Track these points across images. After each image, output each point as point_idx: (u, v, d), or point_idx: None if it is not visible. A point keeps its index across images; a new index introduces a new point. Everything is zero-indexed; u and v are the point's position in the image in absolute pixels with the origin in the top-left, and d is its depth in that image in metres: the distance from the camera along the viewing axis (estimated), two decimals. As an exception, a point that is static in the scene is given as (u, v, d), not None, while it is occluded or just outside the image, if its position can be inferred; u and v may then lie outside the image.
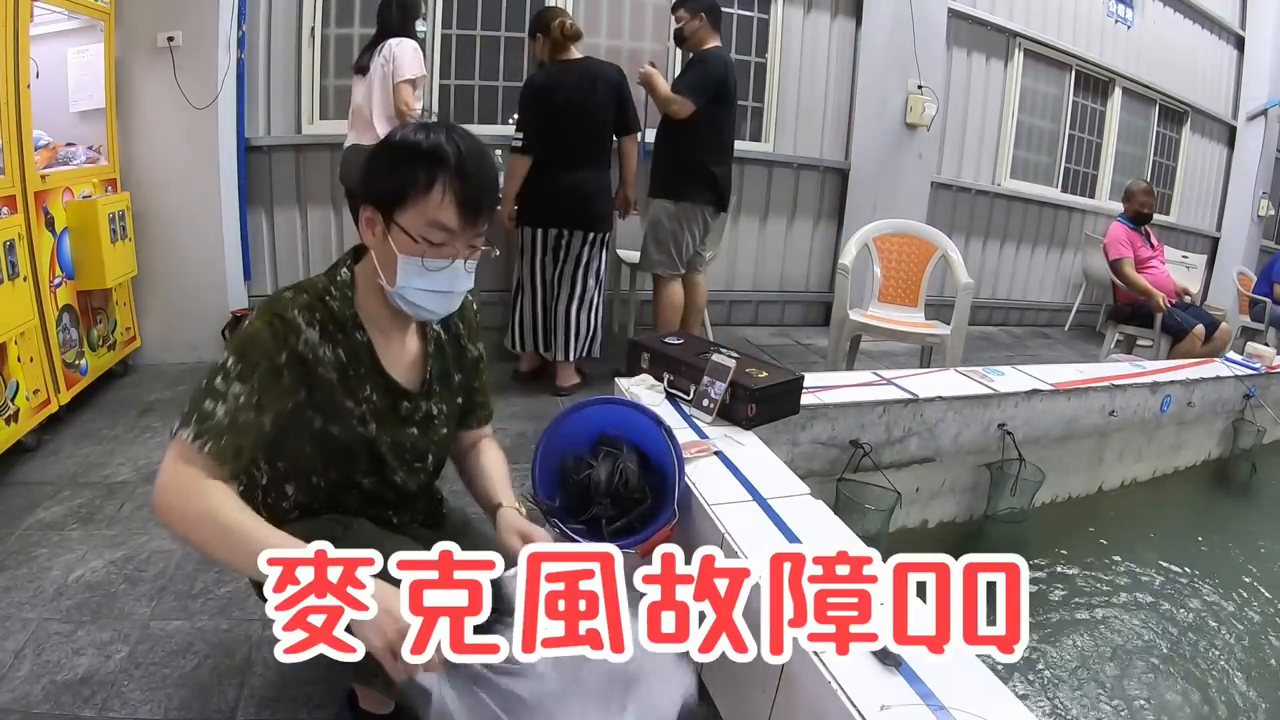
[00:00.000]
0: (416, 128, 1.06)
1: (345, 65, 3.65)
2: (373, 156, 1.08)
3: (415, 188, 1.02)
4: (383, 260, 1.07)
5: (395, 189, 1.03)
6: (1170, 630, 2.08)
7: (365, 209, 1.07)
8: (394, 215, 1.04)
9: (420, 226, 1.03)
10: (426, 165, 1.02)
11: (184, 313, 3.14)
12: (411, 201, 1.02)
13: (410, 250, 1.04)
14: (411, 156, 1.03)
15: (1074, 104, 5.42)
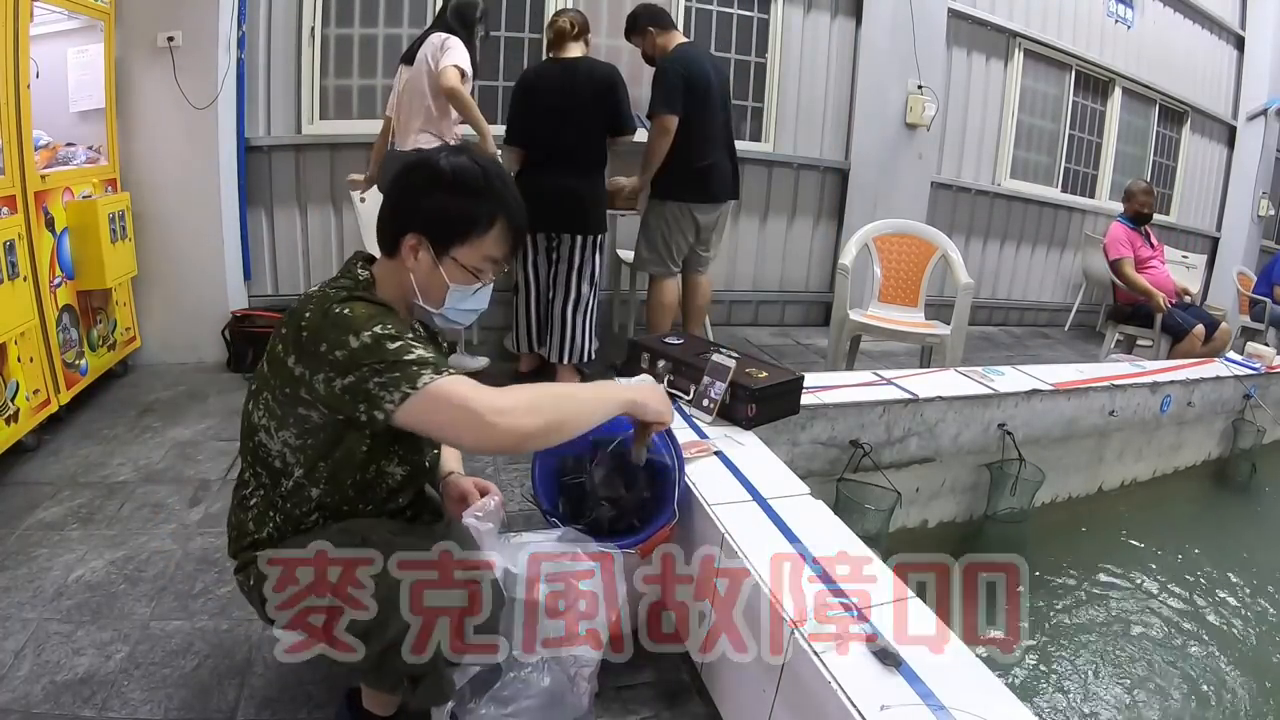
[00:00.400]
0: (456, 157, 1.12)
1: (345, 65, 3.66)
2: (421, 186, 1.12)
3: (477, 228, 1.10)
4: (427, 286, 1.13)
5: (456, 227, 1.10)
6: (1170, 630, 2.08)
7: (412, 237, 1.11)
8: (450, 250, 1.11)
9: (477, 260, 1.13)
10: (488, 207, 1.11)
11: (184, 313, 3.13)
12: (473, 239, 1.11)
13: (463, 280, 1.13)
14: (470, 196, 1.10)
15: (1074, 104, 5.42)
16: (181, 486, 2.15)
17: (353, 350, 0.99)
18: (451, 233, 1.11)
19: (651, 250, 3.16)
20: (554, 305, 3.03)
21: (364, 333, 1.00)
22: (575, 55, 2.92)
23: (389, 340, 1.00)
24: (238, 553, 1.18)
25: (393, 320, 1.05)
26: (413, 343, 1.02)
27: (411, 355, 1.00)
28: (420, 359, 1.00)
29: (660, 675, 1.50)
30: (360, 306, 1.04)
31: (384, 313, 1.06)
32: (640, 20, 3.11)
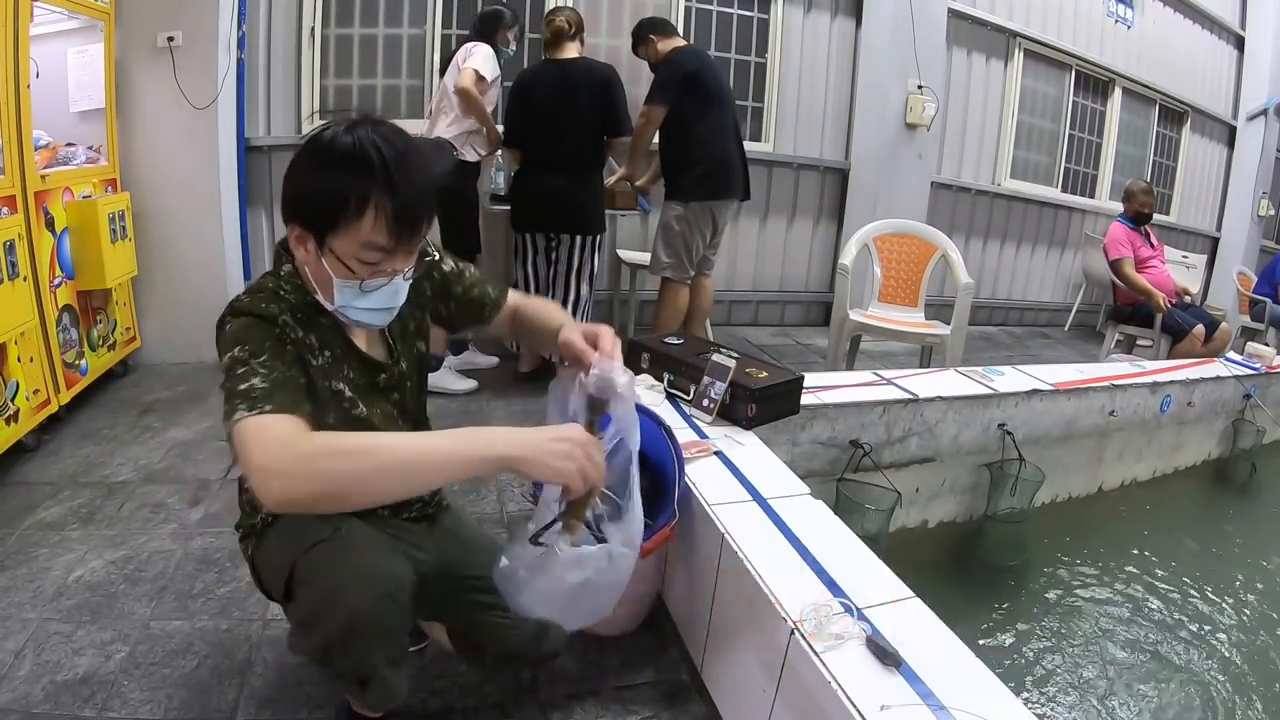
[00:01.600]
0: (338, 130, 0.97)
1: (345, 65, 3.66)
2: (294, 168, 0.99)
3: (345, 212, 0.94)
4: (318, 279, 1.01)
5: (323, 212, 0.96)
6: (1170, 630, 2.08)
7: (293, 227, 0.99)
8: (326, 240, 0.97)
9: (354, 250, 0.97)
10: (354, 182, 0.94)
11: (184, 313, 3.13)
12: (343, 226, 0.95)
13: (346, 275, 0.99)
14: (334, 170, 0.94)
15: (1074, 104, 5.42)
16: (181, 486, 2.15)
17: (223, 368, 0.97)
18: (322, 219, 0.96)
19: (672, 254, 3.16)
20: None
21: (226, 354, 0.97)
22: (572, 56, 2.92)
23: (238, 365, 0.94)
24: (240, 523, 1.19)
25: (254, 336, 0.97)
26: (258, 366, 0.93)
27: (242, 385, 0.91)
28: (246, 391, 0.90)
29: (660, 675, 1.50)
30: (238, 322, 0.99)
31: (249, 328, 0.98)
32: (643, 28, 3.17)
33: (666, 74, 3.01)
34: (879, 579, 1.27)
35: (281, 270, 1.07)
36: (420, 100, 3.76)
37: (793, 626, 1.12)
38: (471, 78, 2.83)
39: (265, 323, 0.99)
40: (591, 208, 3.01)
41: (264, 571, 1.16)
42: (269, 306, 1.01)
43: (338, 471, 0.85)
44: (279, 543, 1.10)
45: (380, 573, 1.01)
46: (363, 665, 1.03)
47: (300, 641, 1.05)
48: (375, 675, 1.05)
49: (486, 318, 1.29)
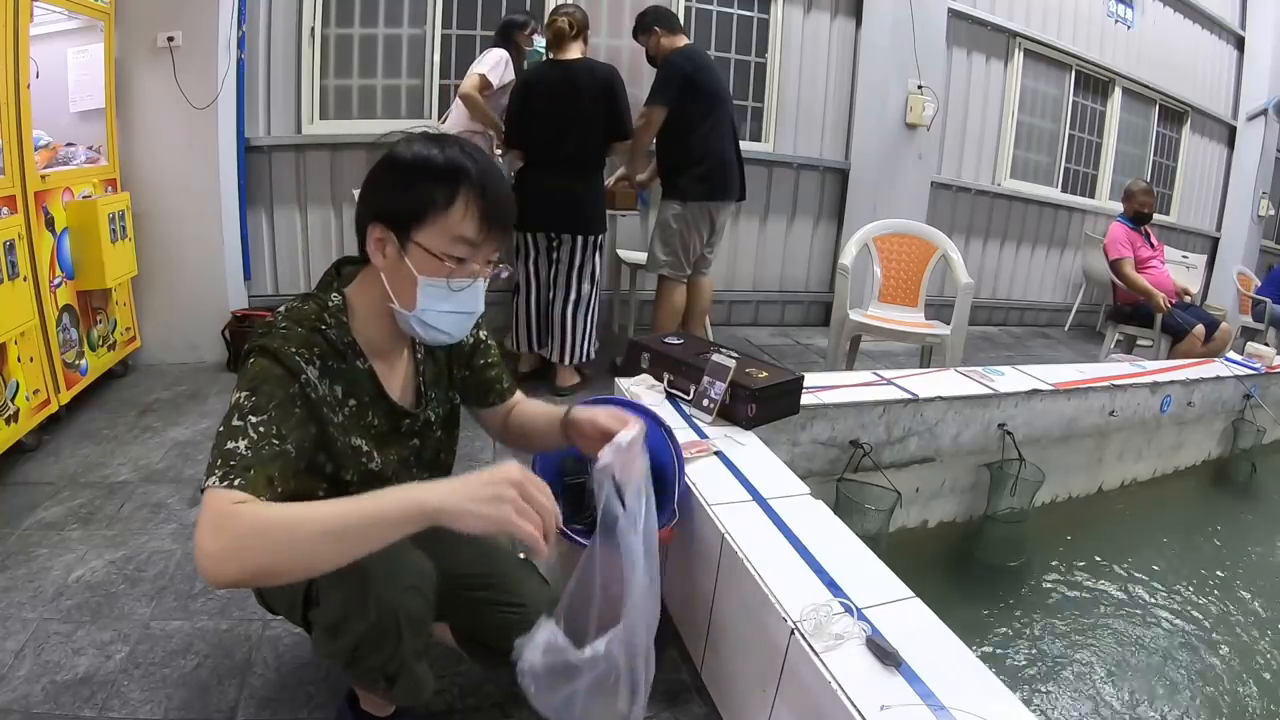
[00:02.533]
0: (427, 141, 1.00)
1: (345, 65, 3.66)
2: (380, 173, 1.01)
3: (436, 203, 0.97)
4: (397, 283, 1.01)
5: (414, 205, 0.97)
6: (1170, 630, 2.08)
7: (375, 228, 1.00)
8: (412, 234, 0.98)
9: (444, 243, 0.98)
10: (447, 180, 0.97)
11: (184, 313, 3.14)
12: (432, 218, 0.97)
13: (432, 270, 0.99)
14: (429, 171, 0.97)
15: (1074, 104, 5.42)
16: (181, 486, 2.15)
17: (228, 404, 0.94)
18: (410, 213, 0.97)
19: (669, 253, 3.17)
20: (554, 305, 3.04)
21: (237, 393, 0.94)
22: (574, 56, 2.92)
23: (234, 414, 0.92)
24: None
25: (267, 388, 0.94)
26: (251, 429, 0.91)
27: (229, 444, 0.89)
28: (230, 452, 0.88)
29: (660, 675, 1.49)
30: (261, 361, 0.96)
31: (268, 377, 0.95)
32: (648, 19, 3.17)
33: (667, 75, 3.01)
34: (879, 579, 1.27)
35: (330, 301, 1.05)
36: (420, 100, 3.76)
37: (793, 626, 1.12)
38: (474, 83, 2.92)
39: (287, 376, 0.97)
40: (593, 208, 3.01)
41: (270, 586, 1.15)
42: (296, 354, 0.98)
43: (262, 550, 0.83)
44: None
45: (403, 567, 1.02)
46: (391, 661, 1.04)
47: (328, 645, 1.04)
48: (404, 669, 1.06)
49: (491, 402, 1.31)
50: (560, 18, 2.91)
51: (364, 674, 1.08)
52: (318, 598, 1.05)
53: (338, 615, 1.01)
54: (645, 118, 3.02)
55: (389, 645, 1.02)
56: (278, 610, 1.21)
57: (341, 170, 3.62)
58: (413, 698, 1.12)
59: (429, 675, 1.12)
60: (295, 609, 1.10)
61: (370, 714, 1.25)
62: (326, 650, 1.06)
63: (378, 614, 0.99)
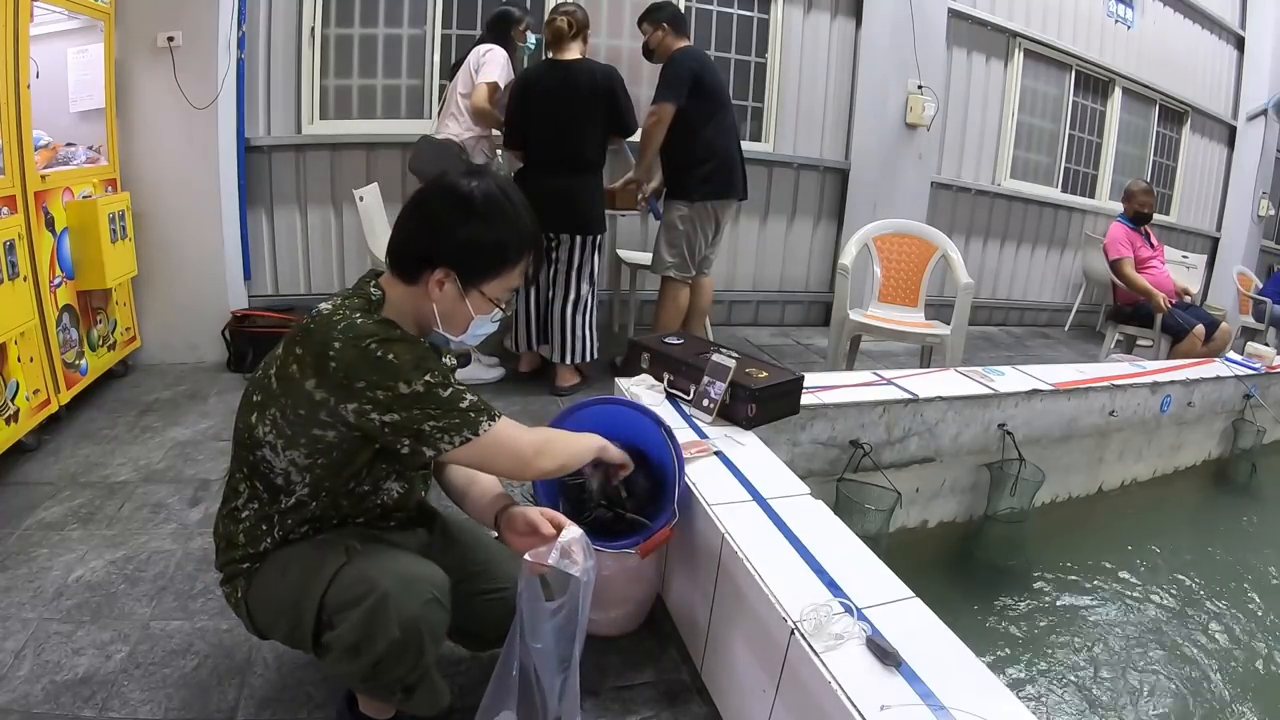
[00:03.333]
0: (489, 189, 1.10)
1: (345, 65, 3.66)
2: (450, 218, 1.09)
3: (507, 263, 1.13)
4: (450, 315, 1.13)
5: (489, 263, 1.11)
6: (1170, 630, 2.08)
7: (440, 271, 1.09)
8: (478, 283, 1.11)
9: (501, 293, 1.15)
10: (517, 242, 1.12)
11: (184, 313, 3.13)
12: (501, 274, 1.13)
13: (487, 310, 1.15)
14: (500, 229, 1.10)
15: (1074, 104, 5.42)
16: (181, 486, 2.15)
17: (402, 395, 1.03)
18: (481, 268, 1.11)
19: (676, 254, 3.16)
20: (553, 305, 3.04)
21: (415, 381, 1.03)
22: (574, 57, 2.91)
23: (440, 388, 1.05)
24: (225, 565, 1.19)
25: (435, 364, 1.07)
26: (460, 389, 1.08)
27: (465, 403, 1.07)
28: (475, 406, 1.08)
29: (660, 675, 1.50)
30: (402, 350, 1.04)
31: (426, 356, 1.07)
32: (664, 13, 3.12)
33: (676, 72, 2.99)
34: (879, 579, 1.27)
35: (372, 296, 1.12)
36: (420, 100, 3.76)
37: (793, 626, 1.12)
38: (486, 95, 2.90)
39: (425, 349, 1.10)
40: (592, 208, 3.01)
41: (264, 611, 1.16)
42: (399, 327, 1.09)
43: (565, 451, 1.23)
44: (282, 579, 1.11)
45: (421, 579, 1.04)
46: (413, 673, 1.05)
47: (347, 664, 1.05)
48: (424, 680, 1.07)
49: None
50: (559, 17, 2.90)
51: (382, 688, 1.08)
52: (332, 620, 1.05)
53: (360, 634, 1.02)
54: (655, 115, 2.99)
55: (411, 658, 1.03)
56: (272, 637, 1.19)
57: (341, 170, 3.62)
58: (431, 708, 1.13)
59: (445, 685, 1.14)
60: (301, 632, 1.09)
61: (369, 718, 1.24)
62: (345, 669, 1.06)
63: (401, 629, 1.00)
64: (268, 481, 1.12)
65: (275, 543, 1.14)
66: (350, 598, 1.02)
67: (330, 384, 1.02)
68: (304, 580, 1.07)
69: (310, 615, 1.06)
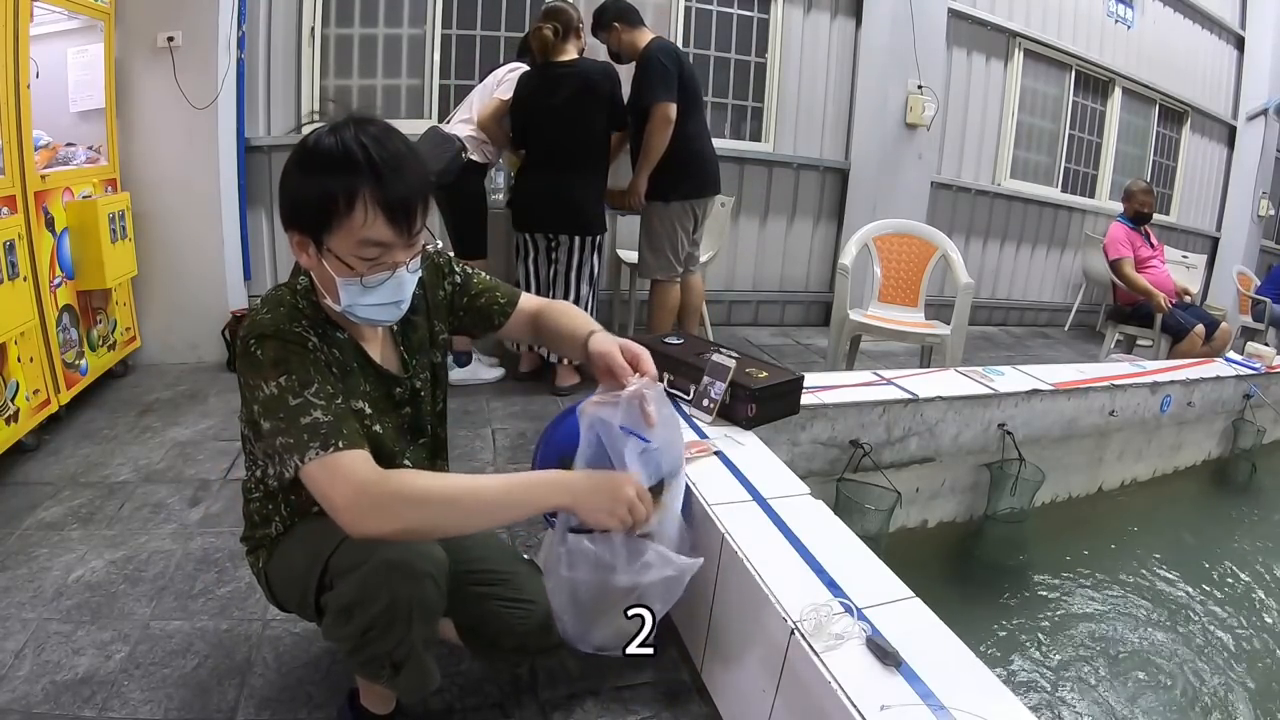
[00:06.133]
0: (322, 132, 0.97)
1: (345, 65, 3.66)
2: (285, 175, 1.00)
3: (336, 210, 0.95)
4: (323, 282, 1.03)
5: (315, 214, 0.97)
6: (1171, 630, 2.08)
7: (293, 233, 1.00)
8: (321, 240, 0.98)
9: (351, 247, 0.97)
10: (341, 181, 0.94)
11: (184, 313, 3.14)
12: (336, 225, 0.96)
13: (347, 273, 0.99)
14: (322, 171, 0.95)
15: (1074, 104, 5.42)
16: (181, 486, 2.15)
17: (263, 400, 0.97)
18: (315, 220, 0.97)
19: (658, 255, 3.14)
20: (553, 306, 3.04)
21: (270, 383, 0.96)
22: (570, 57, 2.91)
23: (290, 395, 0.95)
24: (245, 539, 1.23)
25: (296, 363, 0.98)
26: (313, 397, 0.96)
27: (305, 420, 0.94)
28: (311, 425, 0.94)
29: (660, 675, 1.50)
30: (271, 346, 0.98)
31: (289, 354, 0.98)
32: (607, 14, 3.05)
33: (662, 68, 2.92)
34: (879, 579, 1.27)
35: (298, 285, 1.08)
36: (420, 100, 3.76)
37: (793, 626, 1.12)
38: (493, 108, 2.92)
39: (301, 347, 0.99)
40: (592, 208, 3.00)
41: (281, 580, 1.17)
42: (294, 327, 1.01)
43: (421, 517, 0.96)
44: (299, 547, 1.12)
45: (421, 554, 1.03)
46: (400, 647, 1.04)
47: (339, 628, 1.05)
48: (411, 658, 1.06)
49: (497, 324, 1.32)
50: (545, 26, 2.86)
51: (370, 660, 1.08)
52: (332, 581, 1.06)
53: (352, 598, 1.01)
54: (662, 114, 2.89)
55: (399, 630, 1.02)
56: (289, 607, 1.21)
57: (341, 170, 3.62)
58: (417, 688, 1.12)
59: (435, 668, 1.12)
60: (308, 597, 1.10)
61: (370, 712, 1.25)
62: (337, 634, 1.06)
63: (391, 599, 1.00)
64: (260, 465, 1.14)
65: (284, 520, 1.16)
66: (350, 562, 1.02)
67: (240, 383, 1.01)
68: (317, 545, 1.07)
69: (315, 576, 1.07)
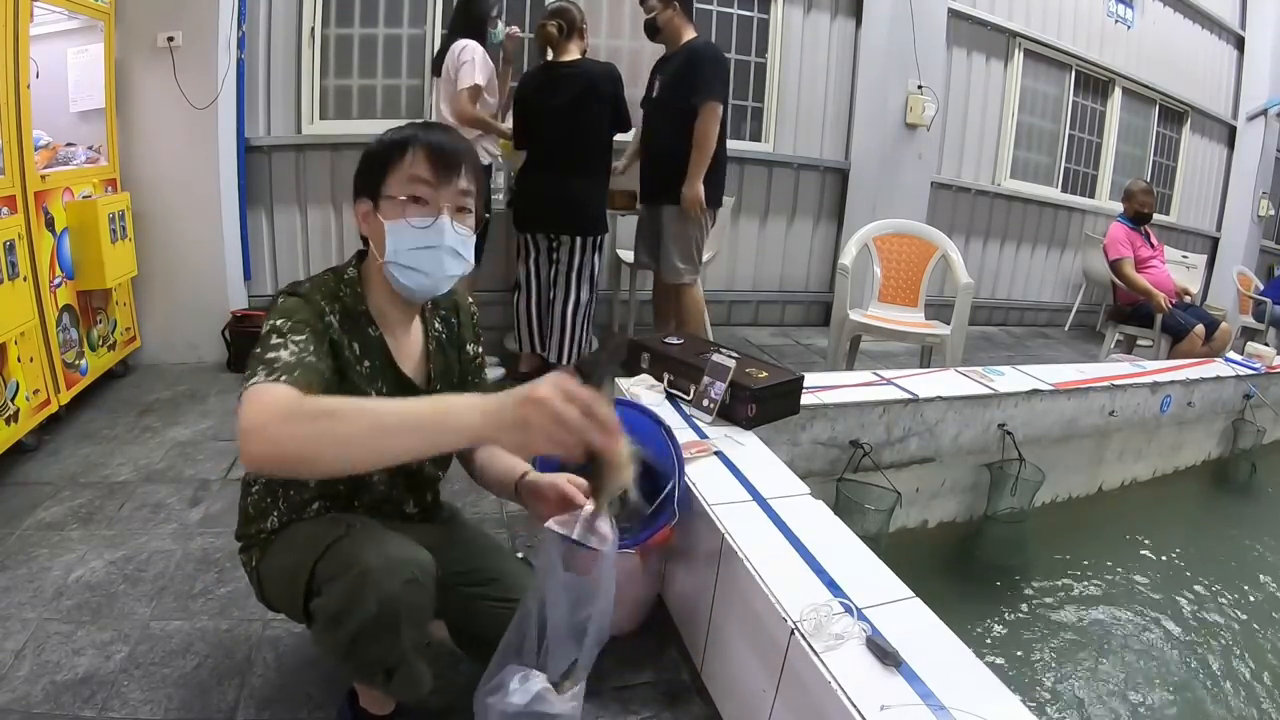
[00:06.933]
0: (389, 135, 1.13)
1: (345, 65, 3.66)
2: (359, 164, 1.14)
3: (391, 161, 1.10)
4: (376, 238, 1.12)
5: (377, 170, 1.11)
6: (1170, 630, 2.08)
7: (358, 205, 1.14)
8: (381, 192, 1.10)
9: (402, 187, 1.09)
10: (400, 140, 1.10)
11: (184, 313, 3.13)
12: (391, 172, 1.09)
13: (396, 214, 1.09)
14: (386, 141, 1.11)
15: (1074, 104, 5.42)
16: (181, 486, 2.15)
17: (260, 338, 1.02)
18: (376, 176, 1.11)
19: (687, 260, 3.10)
20: (554, 306, 3.04)
21: (268, 322, 1.03)
22: (573, 57, 2.91)
23: (273, 335, 0.99)
24: (241, 536, 1.23)
25: (299, 318, 1.03)
26: (291, 343, 0.98)
27: (269, 355, 0.95)
28: (271, 360, 0.94)
29: (660, 675, 1.50)
30: (291, 300, 1.07)
31: (299, 310, 1.05)
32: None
33: (721, 71, 2.90)
34: (879, 579, 1.27)
35: (346, 273, 1.16)
36: (420, 100, 3.76)
37: (793, 626, 1.12)
38: (467, 101, 2.81)
39: (315, 314, 1.07)
40: (593, 209, 3.01)
41: (271, 580, 1.18)
42: (321, 299, 1.10)
43: (309, 433, 0.83)
44: (289, 550, 1.13)
45: (406, 559, 1.04)
46: (390, 653, 1.05)
47: (328, 636, 1.05)
48: (403, 663, 1.07)
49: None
50: (549, 22, 2.87)
51: (363, 666, 1.08)
52: (319, 589, 1.06)
53: (340, 605, 1.02)
54: (715, 114, 2.83)
55: (388, 637, 1.03)
56: (278, 608, 1.22)
57: (341, 170, 3.61)
58: (411, 693, 1.12)
59: (427, 671, 1.13)
60: (297, 602, 1.10)
61: (369, 712, 1.25)
62: (327, 642, 1.07)
63: (378, 606, 1.00)
64: None
65: (281, 517, 1.17)
66: (336, 569, 1.03)
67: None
68: (304, 550, 1.08)
69: (302, 583, 1.08)
